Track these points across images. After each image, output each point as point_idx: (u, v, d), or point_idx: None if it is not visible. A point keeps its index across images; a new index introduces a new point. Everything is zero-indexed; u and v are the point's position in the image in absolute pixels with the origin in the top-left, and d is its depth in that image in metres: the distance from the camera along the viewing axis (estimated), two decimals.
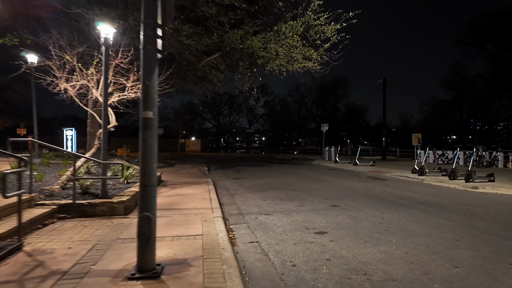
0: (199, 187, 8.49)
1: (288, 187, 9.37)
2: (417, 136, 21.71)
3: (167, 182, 9.71)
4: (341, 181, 10.80)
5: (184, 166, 16.42)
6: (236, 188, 9.21)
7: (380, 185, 9.92)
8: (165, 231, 4.27)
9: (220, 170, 15.39)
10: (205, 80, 10.93)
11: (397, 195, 7.85)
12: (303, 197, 7.59)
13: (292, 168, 16.40)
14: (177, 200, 6.67)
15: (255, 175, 12.74)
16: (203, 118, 66.99)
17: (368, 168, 15.78)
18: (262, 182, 10.42)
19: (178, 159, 24.60)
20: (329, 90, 49.24)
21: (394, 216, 5.56)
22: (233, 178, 11.64)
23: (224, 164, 19.59)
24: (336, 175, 12.87)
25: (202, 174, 12.67)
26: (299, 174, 13.17)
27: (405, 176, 11.95)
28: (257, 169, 15.96)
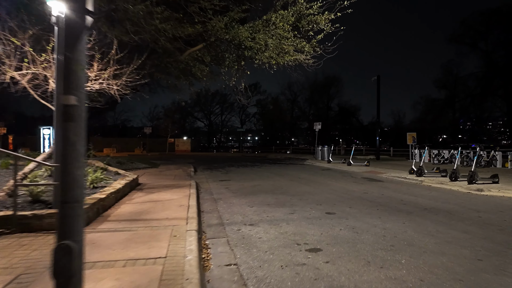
0: (179, 192, 7.63)
1: (278, 190, 8.57)
2: (412, 135, 21.20)
3: (145, 185, 8.82)
4: (335, 183, 10.05)
5: (170, 166, 15.49)
6: (221, 192, 8.38)
7: (377, 187, 9.20)
8: (120, 252, 3.42)
9: (208, 171, 14.52)
10: (189, 74, 10.04)
11: (398, 200, 7.12)
12: (294, 202, 6.80)
13: (284, 169, 15.63)
14: (149, 207, 5.80)
15: (243, 177, 11.92)
16: (194, 117, 66.00)
17: (362, 168, 15.11)
18: (251, 185, 9.61)
19: (165, 159, 23.61)
20: (321, 89, 48.73)
21: (399, 227, 4.80)
22: (220, 180, 10.80)
23: (213, 164, 18.72)
24: (329, 176, 12.13)
25: (186, 176, 11.79)
26: (291, 176, 12.39)
27: (402, 177, 11.28)
28: (247, 170, 15.14)
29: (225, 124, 65.22)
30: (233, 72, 9.82)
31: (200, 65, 9.50)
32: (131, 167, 13.30)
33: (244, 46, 8.71)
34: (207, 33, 8.69)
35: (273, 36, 9.27)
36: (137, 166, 13.68)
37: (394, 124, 47.53)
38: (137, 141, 39.05)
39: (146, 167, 13.98)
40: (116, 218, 5.02)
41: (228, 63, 9.62)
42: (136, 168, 13.40)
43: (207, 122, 66.24)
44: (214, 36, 8.81)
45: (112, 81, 5.59)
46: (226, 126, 65.45)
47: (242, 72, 10.11)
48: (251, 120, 64.94)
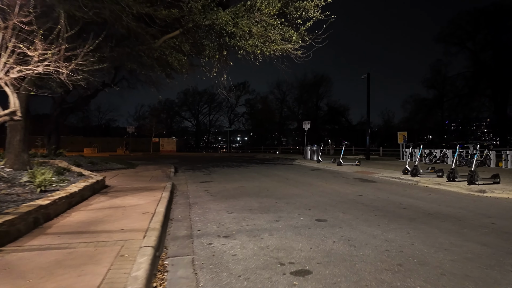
0: (149, 195, 6.67)
1: (263, 192, 7.71)
2: (403, 134, 20.73)
3: (113, 188, 7.81)
4: (326, 184, 9.25)
5: (149, 167, 14.44)
6: (199, 195, 7.45)
7: (372, 189, 8.44)
8: (35, 282, 2.48)
9: (190, 171, 13.55)
10: (165, 65, 9.05)
11: (396, 203, 6.36)
12: (280, 207, 5.94)
13: (271, 169, 14.79)
14: (105, 216, 4.84)
15: (227, 178, 11.02)
16: (181, 116, 64.67)
17: (353, 168, 14.41)
18: (234, 187, 8.72)
19: (147, 159, 22.47)
20: (310, 88, 48.16)
21: (403, 237, 4.00)
22: (200, 182, 9.87)
23: (197, 164, 17.73)
24: (319, 177, 11.34)
25: (164, 177, 10.81)
26: (278, 176, 11.56)
27: (396, 178, 10.59)
28: (232, 170, 14.24)
29: (213, 124, 64.10)
30: (214, 62, 8.91)
31: (177, 54, 8.54)
32: (105, 167, 12.21)
33: (225, 32, 7.82)
34: (184, 18, 7.76)
35: (258, 24, 8.42)
36: (112, 167, 12.59)
37: (383, 124, 47.47)
38: (120, 141, 37.59)
39: (122, 168, 12.90)
40: (58, 230, 4.05)
41: (208, 52, 8.70)
42: (110, 168, 12.31)
43: (195, 122, 64.99)
44: (191, 21, 7.88)
45: (61, 64, 4.61)
46: (214, 126, 64.35)
47: (225, 62, 9.21)
48: (240, 120, 64.04)
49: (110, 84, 14.72)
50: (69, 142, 40.19)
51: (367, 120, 23.05)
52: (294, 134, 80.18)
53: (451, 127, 55.38)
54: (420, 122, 37.71)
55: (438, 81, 37.21)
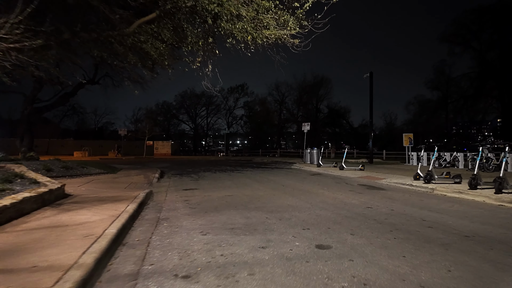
0: (110, 208, 5.40)
1: (254, 203, 6.44)
2: (409, 136, 19.50)
3: (74, 198, 6.54)
4: (328, 193, 7.98)
5: (132, 172, 13.19)
6: (175, 207, 6.19)
7: (382, 198, 7.17)
8: None
9: (177, 177, 12.29)
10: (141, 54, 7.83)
11: (417, 218, 5.08)
12: (270, 225, 4.67)
13: (267, 174, 13.52)
14: (32, 240, 3.57)
15: (216, 185, 9.76)
16: (179, 119, 63.50)
17: (357, 173, 13.14)
18: (220, 196, 7.45)
19: (137, 163, 21.21)
20: (310, 90, 46.94)
21: (444, 279, 2.73)
22: (184, 189, 8.60)
23: (187, 169, 16.47)
24: (320, 183, 10.07)
25: (145, 184, 9.56)
26: (273, 183, 10.29)
27: (407, 184, 9.32)
28: (223, 175, 12.97)
29: (210, 127, 62.86)
30: (197, 50, 7.67)
31: (154, 41, 7.32)
32: (80, 173, 10.94)
33: (208, 13, 6.60)
34: None
35: (248, 6, 7.21)
36: (89, 172, 11.32)
37: (386, 126, 46.10)
38: (113, 144, 36.26)
39: (100, 173, 11.63)
40: None
41: (191, 39, 7.49)
42: (87, 174, 11.05)
43: (192, 125, 63.78)
44: (170, 2, 6.68)
45: None
46: (212, 129, 63.13)
47: (211, 52, 7.98)
48: (238, 122, 62.87)
49: (91, 81, 13.53)
50: (59, 145, 39.06)
51: (370, 121, 21.84)
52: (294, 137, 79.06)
53: (452, 130, 54.06)
54: (424, 124, 36.41)
55: (442, 82, 36.04)
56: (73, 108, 57.44)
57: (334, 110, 48.48)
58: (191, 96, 60.02)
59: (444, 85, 36.08)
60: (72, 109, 57.36)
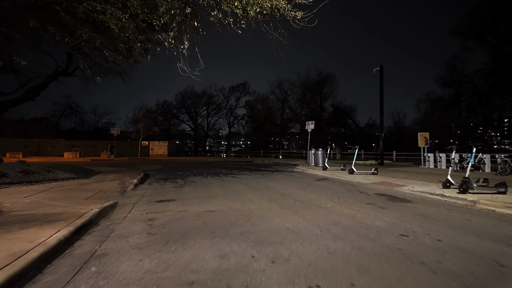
0: (22, 238, 3.68)
1: (239, 225, 4.67)
2: (424, 135, 17.60)
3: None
4: (341, 207, 6.18)
5: (110, 176, 11.47)
6: (130, 231, 4.43)
7: (413, 216, 5.36)
8: None
9: (160, 182, 10.56)
10: (99, 26, 6.16)
11: (488, 261, 3.28)
12: (255, 276, 2.90)
13: (265, 179, 11.74)
14: None
15: (201, 193, 8.00)
16: (179, 119, 61.91)
17: (370, 178, 11.32)
18: (199, 212, 5.70)
19: (125, 165, 19.50)
20: (314, 87, 44.93)
21: None
22: (158, 201, 6.85)
23: (178, 172, 14.74)
24: (328, 192, 8.27)
25: (115, 193, 7.84)
26: (272, 191, 8.51)
27: (438, 194, 7.49)
28: (215, 180, 11.21)
29: (211, 127, 61.19)
30: (171, 22, 5.93)
31: (115, 10, 5.61)
32: (43, 178, 9.26)
33: None
34: None
35: None
36: (54, 177, 9.62)
37: (394, 126, 43.89)
38: (107, 145, 34.62)
39: (68, 178, 9.92)
40: None
41: (163, 9, 5.77)
42: (51, 179, 9.35)
43: (193, 125, 62.15)
44: None
45: None
46: (213, 129, 61.45)
47: (189, 25, 6.24)
48: (240, 122, 61.13)
49: (64, 72, 11.85)
50: (50, 146, 37.57)
51: (381, 119, 19.96)
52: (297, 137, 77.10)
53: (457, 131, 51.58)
54: (437, 123, 34.25)
55: (454, 78, 34.00)
56: (71, 108, 56.24)
57: (339, 109, 46.38)
58: (191, 95, 58.49)
59: (456, 82, 34.06)
60: (69, 108, 56.17)
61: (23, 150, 31.03)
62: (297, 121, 47.31)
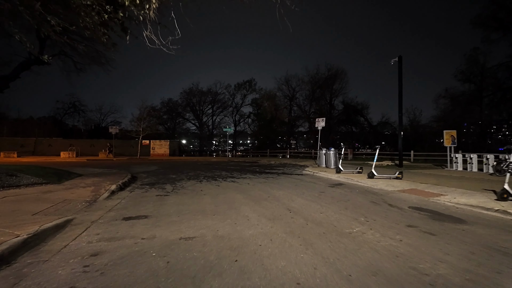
0: None
1: (219, 276, 2.95)
2: (451, 133, 15.61)
3: None
4: (372, 235, 4.39)
5: (87, 181, 9.88)
6: (57, 276, 2.74)
7: (491, 256, 3.57)
8: None
9: (144, 188, 8.93)
10: None
11: None
12: None
13: (270, 184, 10.00)
14: None
15: (186, 206, 6.31)
16: (184, 118, 60.53)
17: (394, 183, 9.47)
18: (170, 240, 4.02)
19: (117, 166, 17.96)
20: (324, 83, 42.72)
21: None
22: (125, 218, 5.19)
23: (172, 175, 13.12)
24: (349, 205, 6.48)
25: (81, 203, 6.22)
26: (276, 202, 6.76)
27: (498, 211, 5.65)
28: (209, 186, 9.53)
29: (216, 126, 59.64)
30: None
31: None
32: (1, 184, 7.70)
33: None
34: None
35: None
36: (16, 182, 8.06)
37: (409, 124, 41.29)
38: (106, 144, 33.21)
39: (34, 184, 8.35)
40: None
41: None
42: (10, 185, 7.80)
43: (198, 124, 60.72)
44: None
45: None
46: (218, 128, 59.89)
47: None
48: (246, 121, 59.44)
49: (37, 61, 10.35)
50: (46, 145, 36.46)
51: (399, 116, 17.98)
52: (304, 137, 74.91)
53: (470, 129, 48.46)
54: (458, 121, 31.84)
55: (475, 73, 31.58)
56: (74, 106, 55.34)
57: (350, 106, 43.98)
58: (196, 93, 57.07)
59: (477, 76, 31.62)
60: (73, 106, 55.27)
61: (19, 149, 29.96)
62: (306, 119, 45.25)
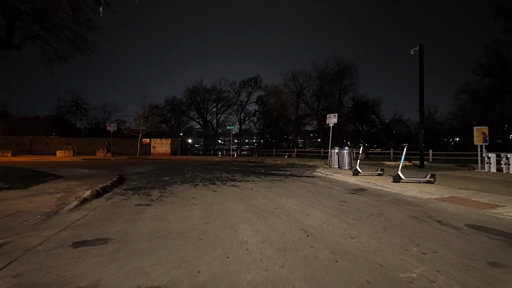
0: None
1: None
2: (482, 130, 13.81)
3: None
4: (445, 285, 2.77)
5: (60, 186, 8.42)
6: None
7: None
8: None
9: (126, 195, 7.43)
10: None
11: None
12: None
13: (277, 190, 8.40)
14: None
15: (166, 223, 4.77)
16: (188, 116, 59.20)
17: (427, 189, 7.79)
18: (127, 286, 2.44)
19: (111, 166, 16.55)
20: (333, 78, 40.64)
21: None
22: (73, 245, 3.67)
23: (166, 177, 11.62)
24: (386, 224, 4.85)
25: (33, 217, 4.73)
26: (285, 219, 5.17)
27: None
28: (204, 192, 7.99)
29: (220, 124, 58.17)
30: None
31: None
32: None
33: None
34: None
35: None
36: None
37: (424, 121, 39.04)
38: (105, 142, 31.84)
39: None
40: None
41: None
42: None
43: (202, 123, 59.32)
44: None
45: None
46: (223, 126, 58.40)
47: None
48: (252, 119, 57.81)
49: (6, 45, 8.92)
50: (43, 143, 35.38)
51: (420, 111, 16.23)
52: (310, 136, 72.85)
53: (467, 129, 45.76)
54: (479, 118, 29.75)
55: (497, 66, 29.48)
56: (76, 104, 54.42)
57: (360, 102, 41.78)
58: (200, 91, 55.67)
59: (499, 70, 29.52)
60: (75, 104, 54.35)
61: (15, 148, 28.89)
62: (314, 117, 43.27)
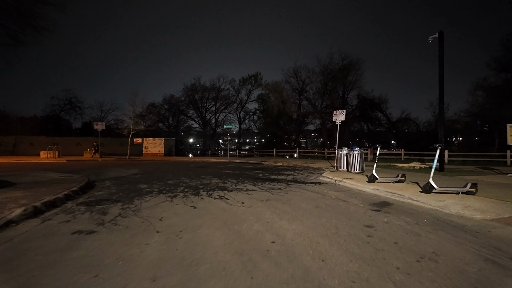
0: None
1: None
2: None
3: None
4: None
5: None
6: None
7: None
8: None
9: (77, 211, 5.53)
10: None
11: None
12: None
13: (276, 205, 6.49)
14: None
15: (93, 275, 2.83)
16: (186, 115, 57.29)
17: (473, 204, 5.88)
18: None
19: (91, 168, 14.65)
20: (337, 74, 38.54)
21: None
22: None
23: (144, 184, 9.73)
24: (451, 278, 2.94)
25: None
26: (288, 263, 3.25)
27: None
28: (181, 207, 6.08)
29: (219, 124, 56.25)
30: None
31: None
32: None
33: None
34: None
35: None
36: None
37: (435, 120, 37.14)
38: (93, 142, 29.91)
39: None
40: None
41: None
42: None
43: (200, 122, 57.41)
44: None
45: None
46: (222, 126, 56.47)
47: None
48: (252, 118, 55.90)
49: None
50: (28, 143, 33.61)
51: (440, 106, 14.27)
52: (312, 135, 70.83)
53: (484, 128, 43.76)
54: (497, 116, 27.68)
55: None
56: (70, 102, 52.62)
57: (366, 100, 39.70)
58: (198, 89, 53.78)
59: None
60: (69, 103, 52.55)
61: None
62: (316, 115, 41.28)
